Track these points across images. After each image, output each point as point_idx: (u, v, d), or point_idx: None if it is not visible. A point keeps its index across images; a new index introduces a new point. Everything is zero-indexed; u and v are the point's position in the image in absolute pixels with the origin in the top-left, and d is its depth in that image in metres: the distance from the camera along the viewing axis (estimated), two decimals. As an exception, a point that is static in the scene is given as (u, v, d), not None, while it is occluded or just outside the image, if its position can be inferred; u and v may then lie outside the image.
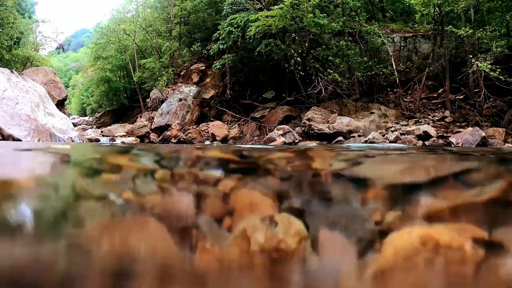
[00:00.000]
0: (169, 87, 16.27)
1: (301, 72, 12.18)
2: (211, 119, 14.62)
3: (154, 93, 17.17)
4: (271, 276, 0.94)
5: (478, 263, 0.92)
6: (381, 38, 12.59)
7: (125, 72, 25.45)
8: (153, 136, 14.28)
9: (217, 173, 1.66)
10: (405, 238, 1.00)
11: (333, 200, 1.28)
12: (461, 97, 11.48)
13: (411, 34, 13.58)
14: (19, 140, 8.00)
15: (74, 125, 15.57)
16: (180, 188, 1.46)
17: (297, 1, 11.30)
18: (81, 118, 29.87)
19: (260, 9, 12.72)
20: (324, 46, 12.24)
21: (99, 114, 26.50)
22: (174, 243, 1.05)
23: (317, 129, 10.90)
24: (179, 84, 16.29)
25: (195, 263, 1.01)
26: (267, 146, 8.02)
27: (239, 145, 9.63)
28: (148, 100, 18.08)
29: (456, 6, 10.98)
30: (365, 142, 9.79)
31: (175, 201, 1.30)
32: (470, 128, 9.44)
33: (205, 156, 2.46)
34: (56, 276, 0.95)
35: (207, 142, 12.45)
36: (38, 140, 8.47)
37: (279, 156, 2.61)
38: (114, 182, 1.55)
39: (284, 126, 11.58)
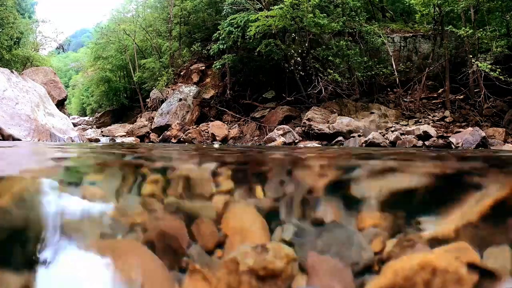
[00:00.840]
0: (169, 87, 16.27)
1: (301, 72, 12.18)
2: (211, 119, 14.62)
3: (154, 93, 17.17)
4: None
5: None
6: (381, 38, 12.59)
7: (125, 72, 25.47)
8: (153, 136, 14.28)
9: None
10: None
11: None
12: (461, 97, 11.48)
13: (411, 34, 13.58)
14: (19, 140, 8.00)
15: (74, 125, 15.57)
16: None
17: (297, 1, 11.30)
18: (81, 118, 29.89)
19: (260, 9, 12.72)
20: (324, 46, 12.24)
21: (99, 114, 26.51)
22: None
23: (317, 129, 10.90)
24: (179, 84, 16.29)
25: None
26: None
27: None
28: (148, 100, 18.09)
29: (456, 6, 10.98)
30: (365, 142, 9.79)
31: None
32: (470, 128, 9.43)
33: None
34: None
35: (217, 145, 12.44)
36: (38, 140, 8.47)
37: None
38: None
39: (284, 126, 11.57)
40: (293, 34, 12.71)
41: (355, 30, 12.56)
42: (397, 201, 1.43)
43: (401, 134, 10.05)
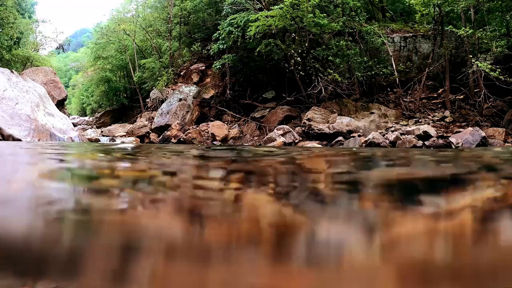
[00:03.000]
0: (169, 87, 16.26)
1: (301, 72, 12.17)
2: (211, 119, 14.61)
3: (154, 93, 17.16)
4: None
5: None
6: (381, 38, 12.59)
7: (125, 72, 25.46)
8: (153, 136, 14.28)
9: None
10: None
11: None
12: (461, 97, 11.48)
13: (411, 34, 13.58)
14: (19, 140, 8.00)
15: (74, 125, 15.57)
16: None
17: (297, 1, 11.29)
18: (81, 118, 29.88)
19: (260, 9, 12.72)
20: (324, 46, 12.24)
21: (99, 114, 26.50)
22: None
23: (317, 129, 10.89)
24: (179, 84, 16.28)
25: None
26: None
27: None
28: (148, 100, 18.08)
29: (456, 6, 10.98)
30: (365, 142, 9.79)
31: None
32: (470, 128, 9.44)
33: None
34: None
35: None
36: (38, 140, 8.47)
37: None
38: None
39: (284, 126, 11.57)
40: (293, 34, 12.71)
41: (355, 30, 12.56)
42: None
43: (401, 134, 10.05)
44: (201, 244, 1.06)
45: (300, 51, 12.23)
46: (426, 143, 9.46)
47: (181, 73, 17.16)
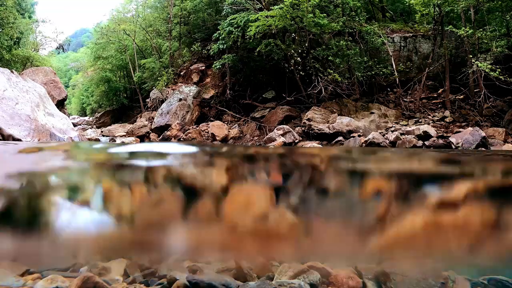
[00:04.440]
0: (169, 87, 16.26)
1: (301, 72, 12.17)
2: (211, 119, 14.61)
3: (154, 93, 17.16)
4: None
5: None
6: (381, 38, 12.59)
7: (125, 72, 25.46)
8: (153, 136, 14.28)
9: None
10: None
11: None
12: (461, 97, 11.48)
13: (411, 34, 13.57)
14: (19, 140, 8.00)
15: (74, 125, 15.56)
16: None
17: (297, 1, 11.29)
18: (81, 118, 29.88)
19: (260, 9, 12.71)
20: (324, 46, 12.24)
21: (99, 114, 26.50)
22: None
23: (317, 129, 10.89)
24: (179, 84, 16.28)
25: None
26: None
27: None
28: (148, 100, 18.08)
29: (456, 6, 10.98)
30: (365, 142, 9.79)
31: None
32: (470, 128, 9.43)
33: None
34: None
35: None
36: (38, 140, 8.47)
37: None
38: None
39: (284, 126, 11.57)
40: (293, 34, 12.70)
41: (355, 30, 12.56)
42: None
43: (401, 134, 10.05)
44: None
45: (300, 51, 12.23)
46: (426, 143, 9.46)
47: (181, 73, 17.16)
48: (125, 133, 15.30)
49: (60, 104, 16.49)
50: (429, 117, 11.30)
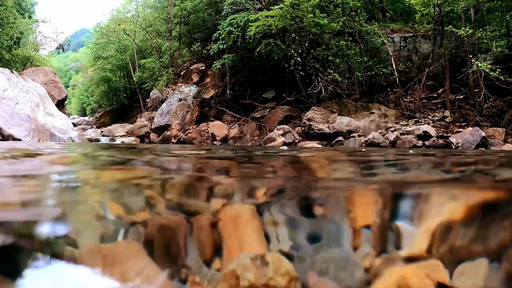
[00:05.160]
0: (169, 87, 16.27)
1: (301, 72, 12.17)
2: (211, 119, 14.61)
3: (154, 93, 17.17)
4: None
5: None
6: (381, 38, 12.59)
7: (125, 72, 25.47)
8: (153, 136, 14.28)
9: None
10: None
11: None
12: (461, 97, 11.48)
13: (411, 34, 13.58)
14: (19, 140, 8.00)
15: (74, 125, 15.57)
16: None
17: (297, 1, 11.29)
18: (81, 118, 29.91)
19: (260, 9, 12.71)
20: (324, 46, 12.24)
21: (99, 114, 26.52)
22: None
23: (317, 129, 10.90)
24: (179, 84, 16.28)
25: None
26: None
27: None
28: (148, 100, 18.09)
29: (456, 6, 10.99)
30: (365, 142, 9.80)
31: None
32: (470, 128, 9.44)
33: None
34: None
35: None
36: (38, 140, 8.47)
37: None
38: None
39: (284, 126, 11.57)
40: (293, 34, 12.70)
41: (355, 30, 12.56)
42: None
43: (401, 134, 10.06)
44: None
45: (300, 51, 12.23)
46: (426, 143, 9.46)
47: (181, 73, 17.16)
48: (125, 133, 15.30)
49: (60, 104, 16.50)
50: (429, 117, 11.30)
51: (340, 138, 10.49)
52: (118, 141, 12.57)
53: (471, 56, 10.68)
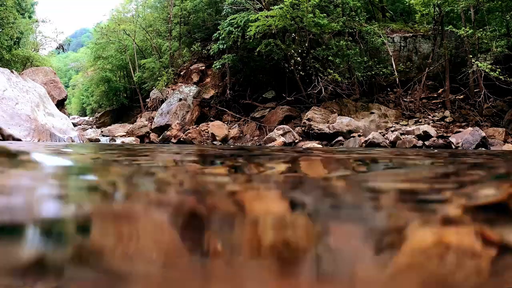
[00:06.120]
0: (169, 87, 16.26)
1: (301, 72, 12.17)
2: (211, 119, 14.61)
3: (154, 93, 17.17)
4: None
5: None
6: (381, 38, 12.59)
7: (125, 72, 25.46)
8: (153, 136, 14.28)
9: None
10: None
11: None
12: (461, 97, 11.48)
13: (411, 34, 13.57)
14: (19, 140, 8.00)
15: (74, 125, 15.57)
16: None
17: (297, 1, 11.29)
18: (81, 118, 29.90)
19: (260, 9, 12.71)
20: (324, 46, 12.24)
21: (99, 114, 26.51)
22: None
23: (317, 129, 10.90)
24: (179, 84, 16.28)
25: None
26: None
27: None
28: (148, 100, 18.08)
29: (456, 6, 10.98)
30: (365, 142, 9.79)
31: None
32: (470, 128, 9.44)
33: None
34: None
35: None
36: (38, 140, 8.47)
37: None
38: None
39: (284, 126, 11.57)
40: (293, 34, 12.70)
41: (355, 30, 12.56)
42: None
43: (401, 134, 10.06)
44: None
45: (300, 51, 12.23)
46: (426, 143, 9.46)
47: (181, 73, 17.16)
48: (125, 133, 15.30)
49: (60, 104, 16.49)
50: (429, 117, 11.30)
51: (340, 138, 10.49)
52: (118, 141, 12.58)
53: (471, 56, 10.68)
